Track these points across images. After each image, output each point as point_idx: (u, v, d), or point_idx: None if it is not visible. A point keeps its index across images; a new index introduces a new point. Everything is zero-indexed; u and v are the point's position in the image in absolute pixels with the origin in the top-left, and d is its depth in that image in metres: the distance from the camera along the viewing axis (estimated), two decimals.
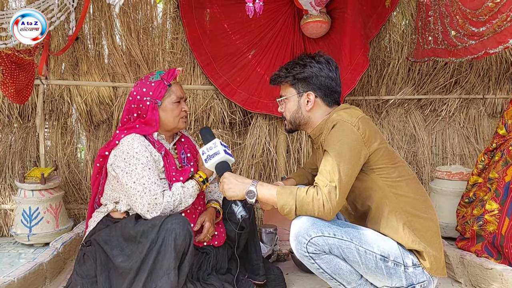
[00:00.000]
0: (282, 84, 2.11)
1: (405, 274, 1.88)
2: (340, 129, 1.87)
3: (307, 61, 2.05)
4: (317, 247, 1.79)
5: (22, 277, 2.15)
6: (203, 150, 2.04)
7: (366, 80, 3.60)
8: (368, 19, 3.37)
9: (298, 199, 1.82)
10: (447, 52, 2.84)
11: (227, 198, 1.96)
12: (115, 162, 2.07)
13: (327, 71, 2.03)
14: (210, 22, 3.34)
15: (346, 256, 1.83)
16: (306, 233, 1.79)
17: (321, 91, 2.03)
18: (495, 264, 2.25)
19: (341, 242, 1.81)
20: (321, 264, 1.83)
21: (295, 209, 1.82)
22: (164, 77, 2.19)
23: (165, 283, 1.81)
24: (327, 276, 1.87)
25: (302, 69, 2.03)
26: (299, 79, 2.04)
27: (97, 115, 3.39)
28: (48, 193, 3.01)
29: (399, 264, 1.87)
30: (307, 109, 2.04)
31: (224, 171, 1.97)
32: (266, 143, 3.47)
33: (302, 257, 1.84)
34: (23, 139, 3.40)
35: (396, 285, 1.89)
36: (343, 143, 1.84)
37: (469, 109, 3.71)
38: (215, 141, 2.02)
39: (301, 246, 1.81)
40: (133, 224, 1.95)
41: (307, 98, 2.03)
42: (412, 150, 3.70)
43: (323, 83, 2.03)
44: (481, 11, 2.33)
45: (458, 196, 3.03)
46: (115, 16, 3.35)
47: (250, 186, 1.90)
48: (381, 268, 1.85)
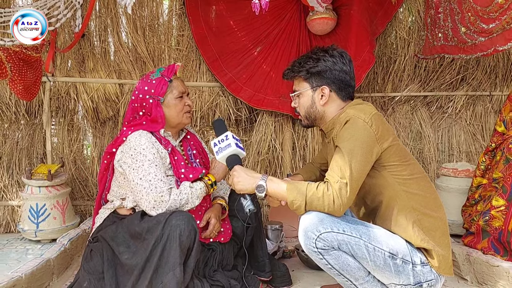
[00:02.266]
0: (296, 78, 2.09)
1: (413, 272, 1.88)
2: (353, 125, 1.86)
3: (320, 55, 2.02)
4: (326, 243, 1.79)
5: (30, 273, 2.16)
6: (214, 142, 2.00)
7: (372, 77, 3.59)
8: (374, 15, 3.36)
9: (308, 194, 1.80)
10: (457, 48, 2.83)
11: (236, 191, 1.95)
12: (122, 158, 2.08)
13: (341, 64, 2.02)
14: (216, 19, 3.34)
15: (355, 253, 1.82)
16: (316, 228, 1.79)
17: (335, 85, 2.01)
18: (501, 262, 2.25)
19: (350, 239, 1.81)
20: (330, 260, 1.82)
21: (305, 204, 1.81)
22: (164, 74, 2.19)
23: (171, 279, 1.81)
24: (335, 272, 1.86)
25: (315, 63, 2.00)
26: (312, 74, 2.01)
27: (103, 112, 3.40)
28: (55, 190, 3.03)
29: (407, 262, 1.87)
30: (322, 104, 2.02)
31: (235, 164, 1.95)
32: (272, 140, 3.47)
33: (310, 252, 1.83)
34: (30, 136, 3.42)
35: (403, 283, 1.89)
36: (356, 140, 1.83)
37: (475, 106, 3.70)
38: (227, 134, 1.99)
39: (310, 242, 1.80)
40: (139, 221, 1.95)
41: (322, 93, 2.01)
42: (418, 147, 3.69)
43: (337, 77, 2.01)
44: (491, 8, 2.33)
45: (464, 193, 3.02)
46: (121, 13, 3.35)
47: (260, 180, 1.88)
48: (389, 266, 1.85)
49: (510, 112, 2.69)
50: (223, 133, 2.01)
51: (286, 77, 2.13)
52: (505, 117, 2.68)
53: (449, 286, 2.38)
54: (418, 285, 1.89)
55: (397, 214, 1.90)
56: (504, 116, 2.69)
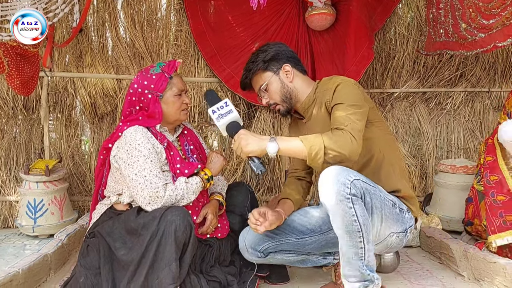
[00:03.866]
0: (254, 77, 2.15)
1: (404, 219, 2.02)
2: (346, 86, 1.98)
3: (265, 47, 2.15)
4: (357, 190, 1.77)
5: (27, 268, 2.16)
6: (213, 109, 1.95)
7: (371, 73, 3.58)
8: (373, 11, 3.35)
9: (325, 137, 1.81)
10: (457, 45, 2.83)
11: (244, 154, 1.86)
12: (117, 154, 2.07)
13: (285, 46, 2.17)
14: (214, 14, 3.33)
15: (374, 203, 1.86)
16: (348, 175, 1.77)
17: (291, 62, 2.14)
18: (498, 258, 2.25)
19: (371, 188, 1.86)
20: (358, 210, 1.76)
21: (324, 147, 1.79)
22: (165, 70, 2.17)
23: (166, 274, 1.81)
24: (355, 228, 1.77)
25: (265, 52, 2.12)
26: (268, 61, 2.11)
27: (101, 107, 3.40)
28: (52, 185, 3.03)
29: (402, 210, 2.02)
30: (290, 80, 2.12)
31: (237, 130, 1.91)
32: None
33: (342, 200, 1.75)
34: (27, 131, 3.42)
35: (398, 230, 2.01)
36: (354, 95, 1.95)
37: (474, 102, 3.69)
38: (226, 101, 1.96)
39: (344, 188, 1.74)
40: (135, 217, 1.95)
41: (285, 71, 2.11)
42: (417, 143, 3.68)
43: (289, 55, 2.14)
44: (493, 4, 2.32)
45: (462, 189, 3.02)
46: (119, 8, 3.34)
47: (270, 139, 1.85)
48: (393, 214, 1.96)
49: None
50: (219, 101, 1.98)
51: (245, 84, 2.20)
52: (508, 110, 2.68)
53: (447, 282, 2.38)
54: (405, 232, 2.04)
55: (388, 166, 2.05)
56: (508, 109, 2.69)
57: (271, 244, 2.17)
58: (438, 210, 3.18)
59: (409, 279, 2.41)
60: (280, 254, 2.21)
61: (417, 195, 3.56)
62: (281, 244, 2.18)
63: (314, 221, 2.19)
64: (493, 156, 2.49)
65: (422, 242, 2.91)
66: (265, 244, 2.16)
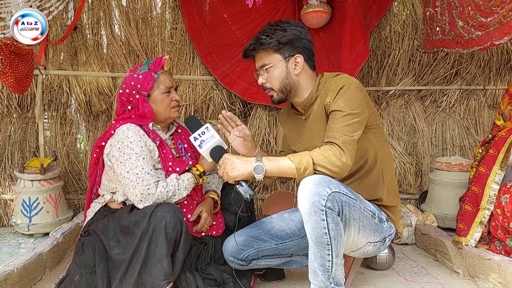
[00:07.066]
0: (263, 52, 2.00)
1: (383, 229, 2.01)
2: (349, 89, 1.90)
3: (285, 25, 1.99)
4: (334, 203, 1.74)
5: (22, 267, 2.16)
6: (194, 137, 1.96)
7: (367, 71, 3.58)
8: (368, 9, 3.35)
9: (313, 153, 1.80)
10: (454, 42, 2.82)
11: (231, 179, 1.85)
12: (110, 152, 2.07)
13: (305, 34, 2.02)
14: (210, 12, 3.32)
15: (352, 215, 1.83)
16: (327, 186, 1.74)
17: (305, 54, 2.01)
18: (493, 255, 2.26)
19: (350, 200, 1.82)
20: (330, 224, 1.74)
21: (313, 163, 1.78)
22: (151, 68, 2.15)
23: (158, 271, 1.81)
24: (325, 240, 1.76)
25: (284, 32, 1.96)
26: (284, 43, 1.96)
27: (96, 105, 3.38)
28: (47, 183, 3.02)
29: (381, 220, 2.00)
30: (296, 73, 2.00)
31: (222, 154, 1.90)
32: (266, 134, 3.46)
33: (316, 211, 1.73)
34: (22, 129, 3.40)
35: (376, 240, 2.00)
36: (355, 101, 1.89)
37: (469, 100, 3.70)
38: (207, 125, 1.96)
39: (320, 199, 1.72)
40: (128, 215, 1.96)
41: (295, 62, 1.99)
42: (412, 141, 3.69)
43: (306, 45, 2.01)
44: (493, 2, 2.32)
45: (457, 187, 3.03)
46: (114, 5, 3.33)
47: (256, 161, 1.82)
48: (371, 225, 1.94)
49: (508, 105, 2.70)
50: (200, 126, 1.98)
51: (249, 54, 2.05)
52: (503, 110, 2.68)
53: (442, 279, 2.39)
54: (383, 241, 2.03)
55: (378, 174, 2.03)
56: (502, 109, 2.69)
57: (251, 252, 2.14)
58: (433, 208, 3.18)
59: (405, 276, 2.42)
60: (263, 260, 2.19)
61: (412, 192, 3.58)
62: (262, 251, 2.16)
63: (293, 225, 2.19)
64: (487, 170, 2.45)
65: (417, 240, 2.92)
66: (245, 252, 2.14)
